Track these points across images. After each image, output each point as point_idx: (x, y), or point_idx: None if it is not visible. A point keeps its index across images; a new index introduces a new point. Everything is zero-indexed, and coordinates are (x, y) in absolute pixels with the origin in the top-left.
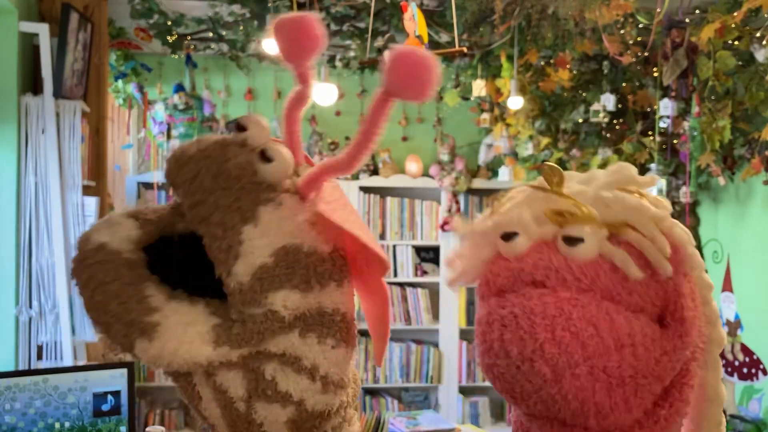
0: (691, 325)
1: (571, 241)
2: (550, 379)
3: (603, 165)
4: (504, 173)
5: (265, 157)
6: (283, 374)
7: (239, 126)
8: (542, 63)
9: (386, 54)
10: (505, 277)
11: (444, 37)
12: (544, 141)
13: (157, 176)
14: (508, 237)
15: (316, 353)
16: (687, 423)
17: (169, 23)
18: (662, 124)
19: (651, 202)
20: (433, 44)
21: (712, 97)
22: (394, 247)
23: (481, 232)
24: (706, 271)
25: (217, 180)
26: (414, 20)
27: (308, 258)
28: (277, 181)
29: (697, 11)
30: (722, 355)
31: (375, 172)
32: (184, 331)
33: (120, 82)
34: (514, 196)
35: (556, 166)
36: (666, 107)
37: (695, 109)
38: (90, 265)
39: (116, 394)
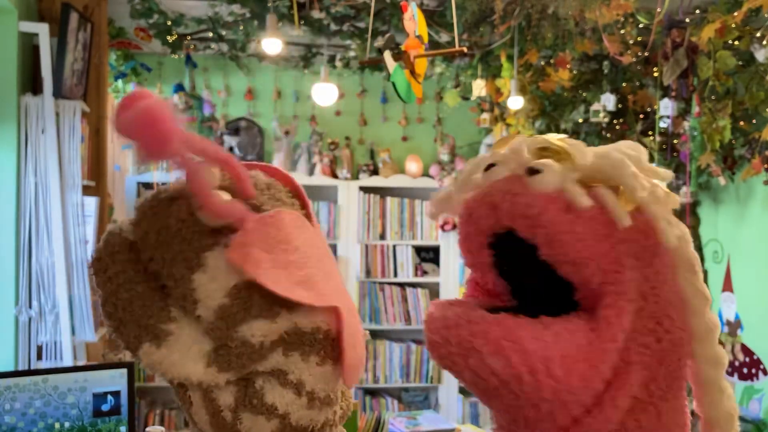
0: (617, 331)
1: (531, 171)
2: (481, 396)
3: None
4: None
5: None
6: (270, 386)
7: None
8: (542, 63)
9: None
10: (472, 199)
11: (444, 37)
12: None
13: (157, 176)
14: (488, 168)
15: (302, 369)
16: None
17: (169, 23)
18: (662, 124)
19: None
20: (433, 44)
21: (713, 97)
22: (394, 247)
23: (470, 170)
24: (705, 278)
25: (161, 236)
26: (414, 20)
27: (263, 289)
28: (220, 224)
29: (698, 11)
30: None
31: (375, 172)
32: (189, 348)
33: (120, 82)
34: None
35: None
36: (666, 107)
37: (695, 109)
38: (121, 261)
39: (116, 394)
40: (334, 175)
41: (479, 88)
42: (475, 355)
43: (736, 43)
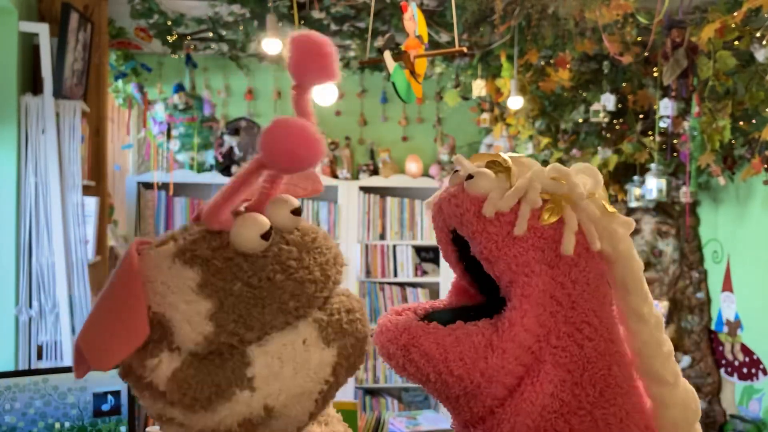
0: (518, 332)
1: (468, 177)
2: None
3: (603, 165)
4: None
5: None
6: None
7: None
8: (542, 63)
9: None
10: (433, 202)
11: (444, 37)
12: (544, 141)
13: (157, 176)
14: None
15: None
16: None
17: (169, 23)
18: (662, 124)
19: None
20: (433, 44)
21: (713, 97)
22: (394, 247)
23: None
24: (704, 278)
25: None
26: (414, 20)
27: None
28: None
29: (697, 11)
30: (722, 355)
31: (375, 172)
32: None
33: (120, 82)
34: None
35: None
36: (666, 107)
37: (695, 109)
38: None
39: (116, 394)
40: (334, 175)
41: (479, 88)
42: (393, 359)
43: (736, 43)
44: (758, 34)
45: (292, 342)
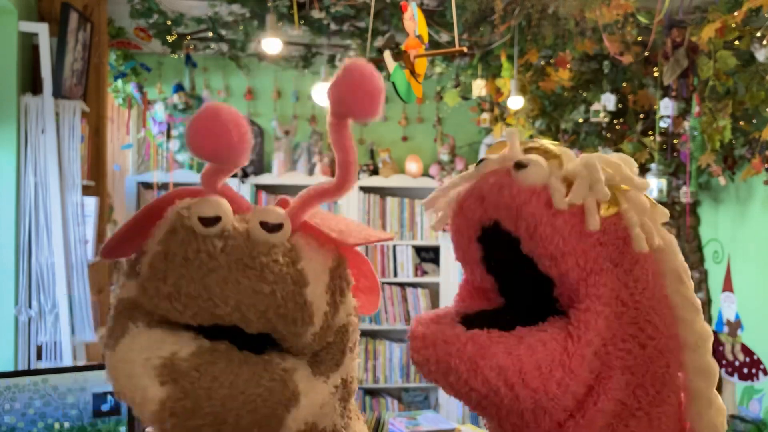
0: (593, 325)
1: (518, 165)
2: (470, 405)
3: None
4: None
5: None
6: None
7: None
8: (542, 63)
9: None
10: (463, 194)
11: (444, 37)
12: None
13: (157, 176)
14: (479, 163)
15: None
16: None
17: (169, 23)
18: (663, 124)
19: (631, 184)
20: (433, 44)
21: (713, 97)
22: (394, 247)
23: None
24: (704, 278)
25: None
26: (414, 20)
27: (340, 266)
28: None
29: (698, 11)
30: (723, 356)
31: (375, 172)
32: (313, 384)
33: (120, 82)
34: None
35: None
36: (666, 107)
37: (696, 108)
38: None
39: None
40: (334, 175)
41: (479, 88)
42: (453, 374)
43: (737, 42)
44: (758, 34)
45: None
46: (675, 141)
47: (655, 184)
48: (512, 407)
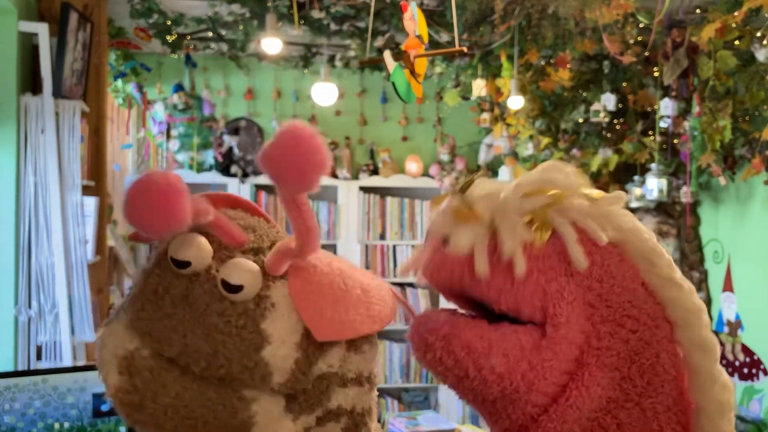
0: (566, 333)
1: (444, 241)
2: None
3: (603, 165)
4: (504, 173)
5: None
6: (335, 392)
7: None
8: (542, 63)
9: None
10: (424, 269)
11: (444, 37)
12: (544, 141)
13: None
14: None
15: (357, 361)
16: None
17: (169, 23)
18: (663, 124)
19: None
20: (433, 44)
21: (713, 97)
22: (394, 247)
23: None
24: (705, 278)
25: (210, 336)
26: (414, 20)
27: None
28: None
29: (698, 11)
30: (723, 356)
31: (375, 172)
32: (276, 417)
33: (119, 82)
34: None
35: (471, 176)
36: (666, 107)
37: (696, 108)
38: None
39: None
40: (334, 175)
41: (479, 88)
42: (430, 351)
43: (737, 42)
44: (759, 34)
45: None
46: (675, 141)
47: (655, 184)
48: (483, 392)
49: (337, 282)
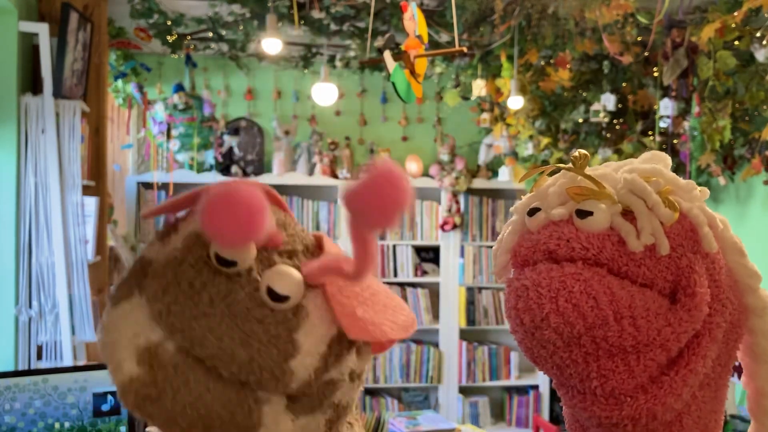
0: (700, 301)
1: (582, 214)
2: (561, 345)
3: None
4: (504, 173)
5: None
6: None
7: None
8: (542, 63)
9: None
10: (526, 248)
11: (444, 37)
12: (544, 141)
13: (157, 176)
14: (532, 212)
15: (352, 359)
16: (752, 422)
17: (169, 23)
18: (662, 124)
19: (677, 186)
20: (433, 44)
21: (713, 97)
22: (394, 247)
23: (516, 210)
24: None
25: (246, 343)
26: (414, 20)
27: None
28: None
29: (698, 11)
30: None
31: None
32: (282, 419)
33: (120, 82)
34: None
35: (583, 151)
36: (666, 107)
37: (695, 109)
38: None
39: (116, 394)
40: (334, 175)
41: (479, 88)
42: (565, 295)
43: (736, 43)
44: (758, 34)
45: None
46: (675, 141)
47: None
48: (612, 345)
49: (367, 284)
